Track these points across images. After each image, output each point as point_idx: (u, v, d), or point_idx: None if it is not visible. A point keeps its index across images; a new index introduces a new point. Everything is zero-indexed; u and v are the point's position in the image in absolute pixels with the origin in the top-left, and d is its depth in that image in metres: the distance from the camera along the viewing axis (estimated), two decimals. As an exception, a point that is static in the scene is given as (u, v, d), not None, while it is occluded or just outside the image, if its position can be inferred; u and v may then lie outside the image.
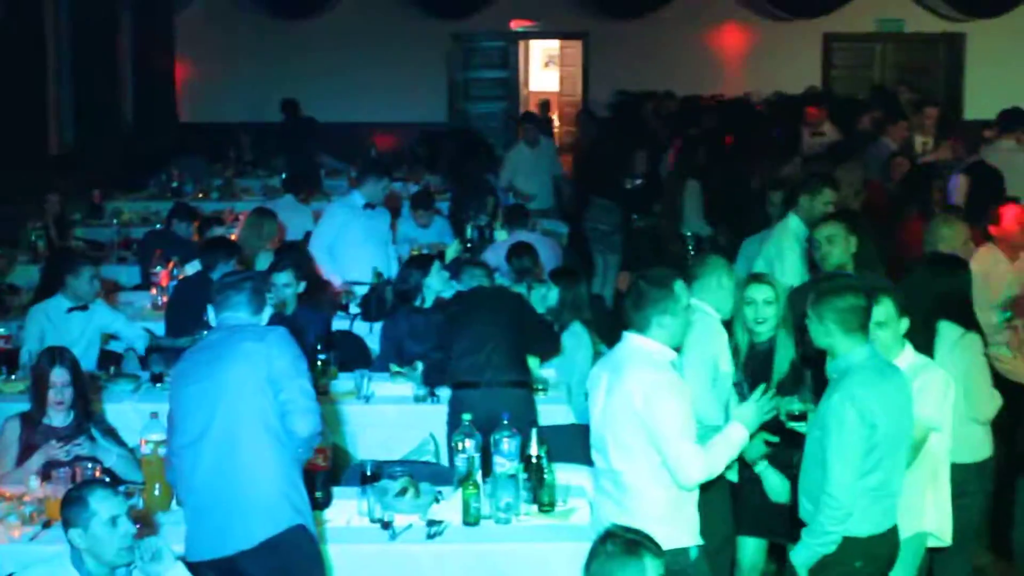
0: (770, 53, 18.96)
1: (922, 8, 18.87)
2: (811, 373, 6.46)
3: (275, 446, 5.49)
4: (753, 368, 6.83)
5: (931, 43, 19.18)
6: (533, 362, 8.40)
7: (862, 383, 5.49)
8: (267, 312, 5.79)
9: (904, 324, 6.05)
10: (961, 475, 6.54)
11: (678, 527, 5.56)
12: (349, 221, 10.68)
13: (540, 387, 8.28)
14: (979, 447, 6.78)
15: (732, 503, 6.66)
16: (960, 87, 19.26)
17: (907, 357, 6.08)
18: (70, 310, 8.82)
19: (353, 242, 10.55)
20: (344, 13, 18.53)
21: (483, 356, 7.72)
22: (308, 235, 11.99)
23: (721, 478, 6.25)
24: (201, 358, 5.65)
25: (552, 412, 8.11)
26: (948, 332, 6.69)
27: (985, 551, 7.35)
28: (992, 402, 6.77)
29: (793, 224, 8.94)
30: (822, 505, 5.47)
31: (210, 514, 5.49)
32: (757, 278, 7.04)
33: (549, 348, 8.36)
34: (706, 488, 5.84)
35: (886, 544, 5.64)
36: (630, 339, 5.70)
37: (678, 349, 5.84)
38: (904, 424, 5.57)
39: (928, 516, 6.11)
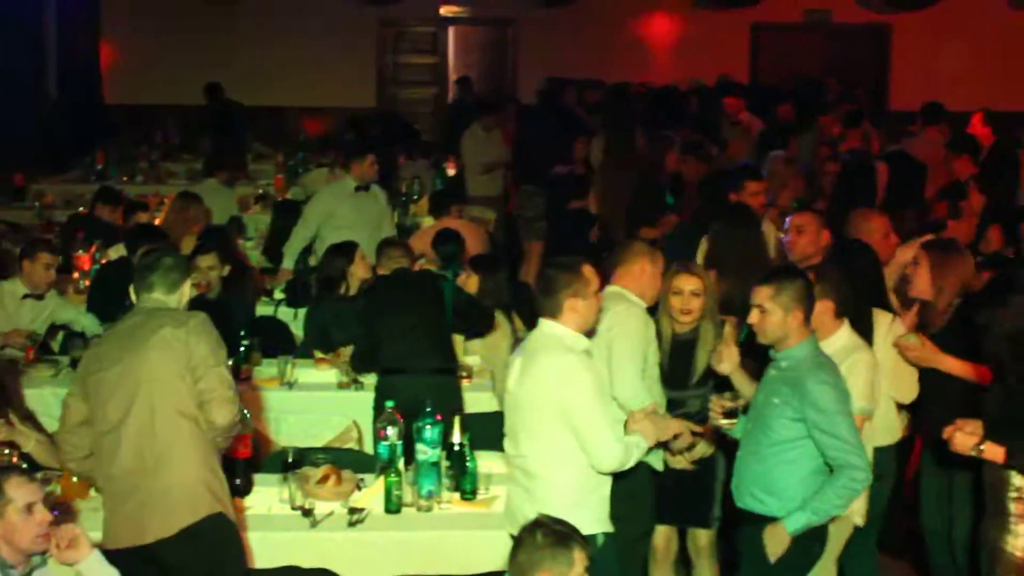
0: (698, 42, 19.02)
1: (850, -1, 19.04)
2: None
3: (194, 433, 5.44)
4: (674, 358, 6.88)
5: (858, 34, 19.32)
6: (460, 348, 8.42)
7: (831, 371, 5.67)
8: (185, 292, 5.69)
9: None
10: (879, 457, 6.68)
11: (585, 514, 5.55)
12: (337, 206, 10.74)
13: (465, 374, 8.29)
14: (895, 430, 6.95)
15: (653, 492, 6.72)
16: (886, 78, 19.42)
17: (841, 337, 6.19)
18: (25, 297, 8.72)
19: (342, 226, 10.53)
20: (271, -1, 18.48)
21: (408, 342, 7.71)
22: (233, 219, 11.94)
23: (645, 467, 6.31)
24: (119, 343, 5.57)
25: (477, 399, 8.13)
26: (882, 318, 6.85)
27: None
28: (915, 386, 6.90)
29: None
30: (845, 478, 5.55)
31: (129, 502, 5.45)
32: (686, 268, 7.07)
33: (482, 324, 8.35)
34: (630, 478, 5.88)
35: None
36: (543, 325, 5.72)
37: (591, 334, 5.87)
38: None
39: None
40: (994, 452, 5.69)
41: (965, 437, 5.74)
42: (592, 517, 5.60)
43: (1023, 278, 6.02)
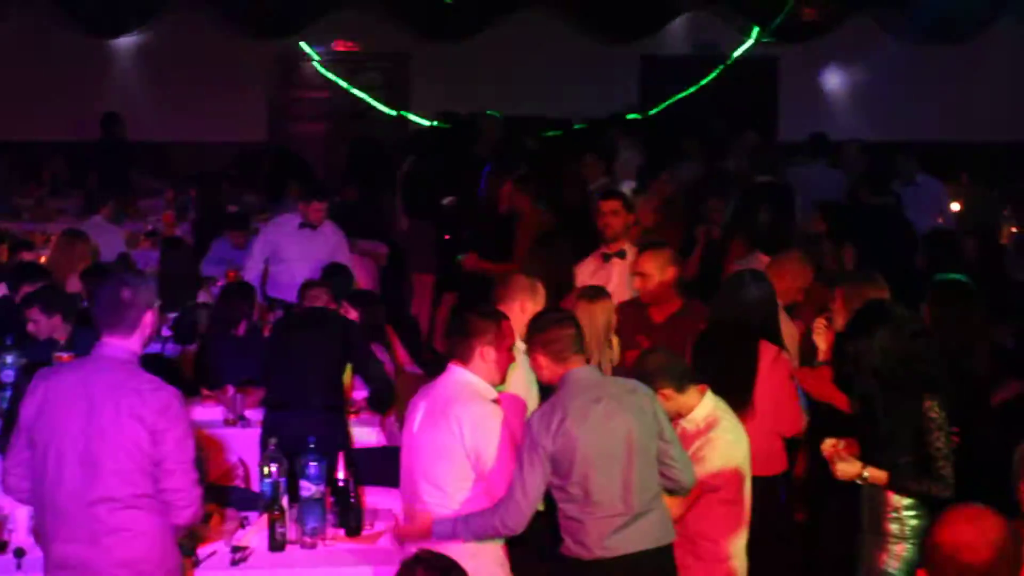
0: (589, 75, 19.14)
1: (737, 32, 19.23)
2: None
3: None
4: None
5: (746, 67, 19.54)
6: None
7: None
8: (141, 331, 5.24)
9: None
10: (762, 487, 6.78)
11: (484, 560, 5.61)
12: (278, 241, 10.94)
13: (354, 410, 8.29)
14: (778, 460, 7.05)
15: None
16: (774, 110, 19.67)
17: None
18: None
19: (284, 260, 10.80)
20: (163, 31, 18.24)
21: (296, 378, 7.70)
22: (121, 256, 11.83)
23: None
24: (74, 395, 5.19)
25: (365, 434, 8.13)
26: (766, 350, 6.93)
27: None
28: (800, 419, 6.99)
29: None
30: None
31: None
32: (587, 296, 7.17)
33: (380, 397, 8.21)
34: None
35: None
36: (454, 371, 5.74)
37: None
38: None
39: None
40: (876, 476, 5.81)
41: (847, 465, 5.85)
42: (492, 561, 5.64)
43: (890, 310, 6.10)
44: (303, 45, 18.38)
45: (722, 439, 6.08)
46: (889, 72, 19.14)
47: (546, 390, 5.96)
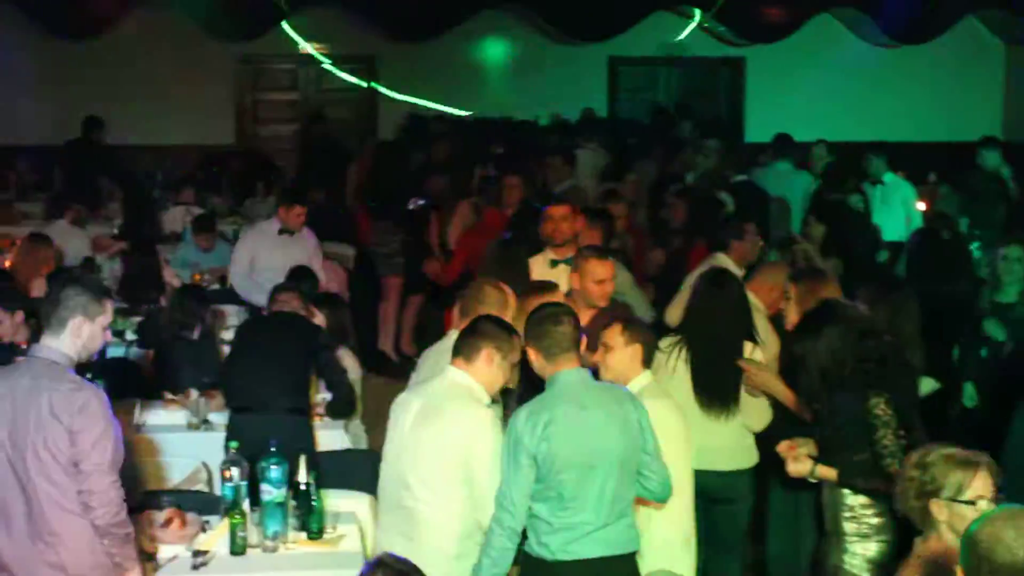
0: (558, 76, 19.17)
1: (704, 33, 19.29)
2: None
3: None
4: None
5: (713, 67, 19.61)
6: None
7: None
8: (70, 333, 5.24)
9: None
10: (737, 481, 6.81)
11: (466, 564, 5.62)
12: (259, 248, 10.89)
13: (319, 412, 8.27)
14: (750, 454, 7.10)
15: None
16: (741, 110, 19.74)
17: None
18: None
19: (267, 268, 10.64)
20: (128, 33, 18.17)
21: (260, 380, 7.68)
22: (87, 260, 11.79)
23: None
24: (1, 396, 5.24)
25: (329, 437, 8.12)
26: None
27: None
28: (767, 413, 7.04)
29: None
30: None
31: None
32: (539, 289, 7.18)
33: (340, 406, 8.23)
34: None
35: None
36: (451, 372, 5.74)
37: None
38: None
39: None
40: (827, 472, 5.85)
41: (798, 464, 5.89)
42: (471, 566, 5.63)
43: (839, 310, 6.13)
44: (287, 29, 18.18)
45: None
46: (856, 72, 19.24)
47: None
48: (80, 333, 5.23)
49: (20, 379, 5.20)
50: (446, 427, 5.61)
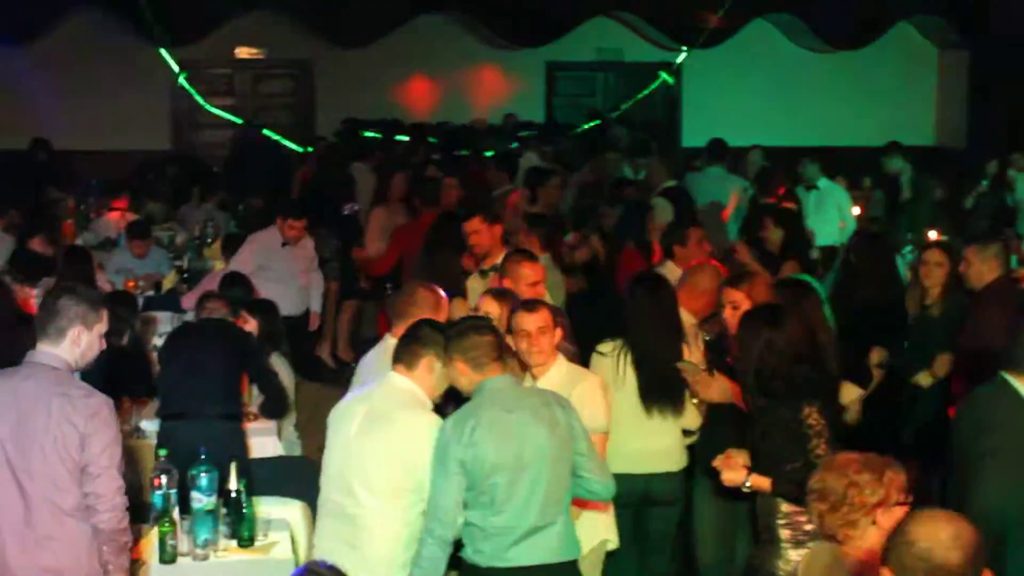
0: (495, 81, 19.22)
1: (640, 37, 19.36)
2: None
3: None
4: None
5: (650, 72, 19.70)
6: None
7: None
8: (70, 342, 5.28)
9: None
10: (679, 482, 6.93)
11: (404, 570, 5.62)
12: (264, 259, 10.86)
13: (253, 412, 8.25)
14: (685, 455, 7.16)
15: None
16: (678, 115, 19.84)
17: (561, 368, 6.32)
18: None
19: (271, 279, 10.65)
20: (63, 40, 18.05)
21: (190, 387, 7.64)
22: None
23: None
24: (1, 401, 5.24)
25: (262, 444, 8.09)
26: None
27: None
28: (698, 416, 7.09)
29: None
30: None
31: None
32: (495, 294, 7.18)
33: (272, 405, 8.20)
34: None
35: None
36: (395, 378, 5.73)
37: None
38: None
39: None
40: (760, 482, 5.87)
41: (732, 473, 5.92)
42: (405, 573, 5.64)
43: (772, 316, 6.17)
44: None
45: None
46: (792, 78, 19.39)
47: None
48: (79, 342, 5.31)
49: (22, 382, 5.23)
50: (393, 434, 5.60)
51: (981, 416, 5.77)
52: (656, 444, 6.99)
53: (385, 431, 5.63)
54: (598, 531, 6.46)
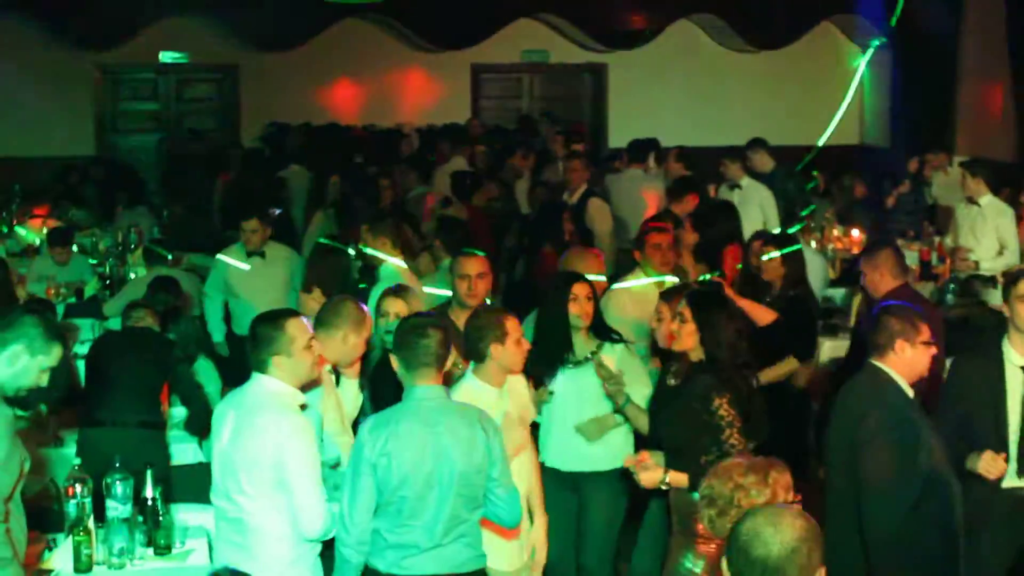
0: (421, 84, 19.25)
1: (566, 39, 19.43)
2: None
3: None
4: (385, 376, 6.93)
5: (575, 73, 19.78)
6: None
7: None
8: (6, 359, 5.13)
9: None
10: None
11: (301, 569, 5.61)
12: (228, 274, 10.56)
13: (175, 425, 8.22)
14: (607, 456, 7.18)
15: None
16: (604, 116, 19.93)
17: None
18: None
19: (240, 294, 10.48)
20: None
21: (112, 395, 7.62)
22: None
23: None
24: None
25: (183, 451, 8.07)
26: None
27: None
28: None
29: None
30: None
31: None
32: (394, 292, 7.16)
33: (195, 422, 8.09)
34: None
35: None
36: (258, 380, 5.69)
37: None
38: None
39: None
40: (678, 479, 5.93)
41: (649, 473, 5.97)
42: (308, 572, 5.62)
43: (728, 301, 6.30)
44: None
45: None
46: (717, 78, 19.52)
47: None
48: (15, 363, 5.14)
49: None
50: (256, 436, 5.55)
51: (858, 399, 5.97)
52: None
53: (248, 434, 5.57)
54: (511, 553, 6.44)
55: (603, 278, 8.35)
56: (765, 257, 8.75)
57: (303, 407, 5.74)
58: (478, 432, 5.54)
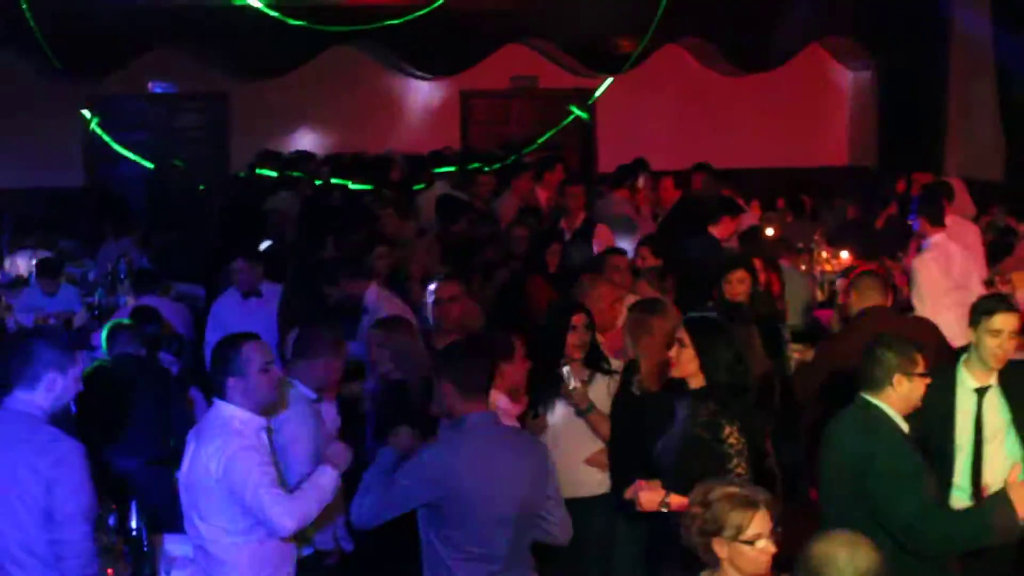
0: (409, 111, 19.28)
1: (554, 64, 19.46)
2: None
3: None
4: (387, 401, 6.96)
5: (564, 98, 19.79)
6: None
7: None
8: (46, 387, 5.32)
9: None
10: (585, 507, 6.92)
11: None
12: (225, 315, 10.42)
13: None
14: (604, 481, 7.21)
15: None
16: (593, 140, 19.95)
17: None
18: None
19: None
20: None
21: (116, 431, 7.66)
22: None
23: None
24: None
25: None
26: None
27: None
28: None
29: None
30: None
31: None
32: (382, 324, 7.21)
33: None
34: None
35: None
36: (216, 406, 5.72)
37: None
38: None
39: None
40: (679, 502, 5.92)
41: (650, 494, 5.96)
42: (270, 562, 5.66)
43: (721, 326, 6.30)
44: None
45: None
46: (705, 101, 19.55)
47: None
48: (54, 387, 5.30)
49: None
50: (207, 463, 5.59)
51: (852, 438, 5.87)
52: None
53: (203, 462, 5.63)
54: None
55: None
56: None
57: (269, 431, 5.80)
58: (534, 453, 5.65)
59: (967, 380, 6.57)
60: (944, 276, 9.71)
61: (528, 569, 5.66)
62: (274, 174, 16.21)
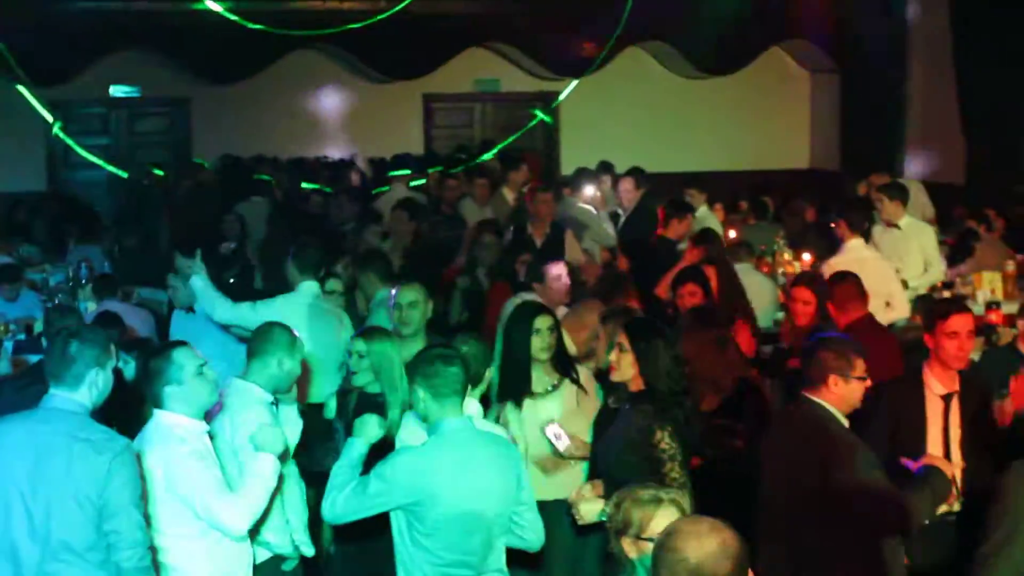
0: (372, 114, 19.26)
1: (517, 68, 19.48)
2: None
3: None
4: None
5: (527, 101, 19.81)
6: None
7: None
8: (89, 385, 5.31)
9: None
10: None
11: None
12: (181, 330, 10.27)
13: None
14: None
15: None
16: (557, 143, 19.98)
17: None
18: None
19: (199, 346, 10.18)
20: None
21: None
22: None
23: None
24: (20, 445, 5.20)
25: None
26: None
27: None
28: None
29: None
30: None
31: None
32: (363, 334, 7.17)
33: None
34: None
35: None
36: (156, 415, 5.71)
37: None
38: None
39: None
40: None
41: (589, 505, 5.96)
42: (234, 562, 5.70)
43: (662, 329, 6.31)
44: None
45: None
46: (668, 104, 19.61)
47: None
48: (97, 384, 5.35)
49: (37, 426, 5.24)
50: (150, 471, 5.57)
51: (795, 433, 5.93)
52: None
53: (146, 471, 5.57)
54: None
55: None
56: None
57: (211, 435, 5.80)
58: (510, 460, 5.64)
59: (933, 385, 6.60)
60: None
61: (501, 574, 5.64)
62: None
